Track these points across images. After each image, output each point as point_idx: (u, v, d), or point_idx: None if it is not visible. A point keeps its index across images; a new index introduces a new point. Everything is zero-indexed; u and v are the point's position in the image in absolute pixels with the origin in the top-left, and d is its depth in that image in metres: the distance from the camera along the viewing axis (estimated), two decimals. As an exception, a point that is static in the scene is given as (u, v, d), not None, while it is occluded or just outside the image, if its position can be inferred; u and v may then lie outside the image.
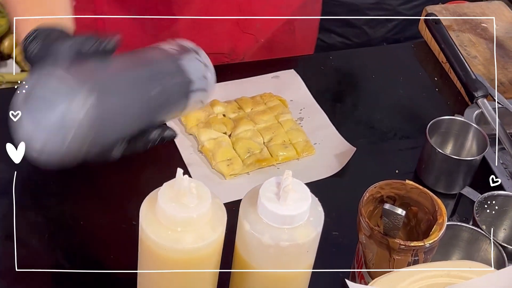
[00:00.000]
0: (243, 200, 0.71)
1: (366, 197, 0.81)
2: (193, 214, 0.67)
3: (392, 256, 0.77)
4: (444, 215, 0.78)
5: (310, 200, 0.69)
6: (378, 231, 0.77)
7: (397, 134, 1.11)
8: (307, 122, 1.09)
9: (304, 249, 0.69)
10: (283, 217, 0.67)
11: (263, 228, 0.68)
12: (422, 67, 1.23)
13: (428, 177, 1.01)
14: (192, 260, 0.69)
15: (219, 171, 0.99)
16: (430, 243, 0.76)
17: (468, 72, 1.11)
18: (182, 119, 1.06)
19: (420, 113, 1.14)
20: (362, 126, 1.11)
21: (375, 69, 1.21)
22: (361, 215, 0.79)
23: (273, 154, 1.02)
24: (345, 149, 1.05)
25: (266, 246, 0.68)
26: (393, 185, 0.82)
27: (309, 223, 0.69)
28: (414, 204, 0.82)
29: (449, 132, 1.04)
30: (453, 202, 0.97)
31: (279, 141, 1.04)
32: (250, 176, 1.00)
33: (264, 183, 0.69)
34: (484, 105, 1.07)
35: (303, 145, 1.04)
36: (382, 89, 1.18)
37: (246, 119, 1.06)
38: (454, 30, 1.25)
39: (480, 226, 0.87)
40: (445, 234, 0.79)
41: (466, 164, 0.99)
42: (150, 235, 0.68)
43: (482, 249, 0.86)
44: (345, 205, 0.94)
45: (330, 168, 1.02)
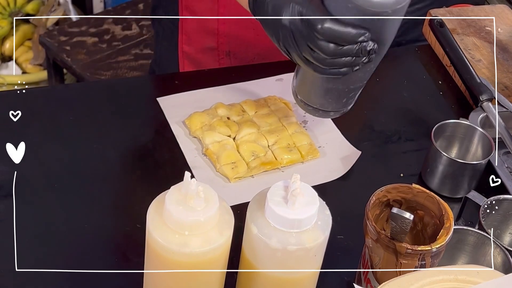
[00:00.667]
0: (250, 203, 0.70)
1: (373, 200, 0.80)
2: (201, 217, 0.66)
3: (399, 260, 0.77)
4: (451, 219, 0.78)
5: (318, 203, 0.68)
6: (385, 235, 0.77)
7: (402, 137, 1.10)
8: (312, 125, 1.08)
9: (312, 253, 0.69)
10: (291, 221, 0.67)
11: (271, 232, 0.68)
12: (426, 70, 1.23)
13: (433, 181, 1.01)
14: (199, 264, 0.68)
15: (223, 174, 0.99)
16: (437, 248, 0.76)
17: (472, 75, 1.11)
18: (186, 122, 1.05)
19: (424, 116, 1.13)
20: (366, 130, 1.11)
21: (379, 72, 1.20)
22: (368, 219, 0.78)
23: (278, 157, 1.02)
24: (349, 153, 1.04)
25: (273, 250, 0.68)
26: (399, 189, 0.82)
27: (317, 227, 0.69)
28: (421, 208, 0.82)
29: (454, 136, 1.03)
30: (458, 206, 0.97)
31: (284, 144, 1.03)
32: (254, 179, 0.99)
33: (271, 186, 0.69)
34: (489, 108, 1.07)
35: (307, 148, 1.03)
36: (386, 92, 1.18)
37: (251, 122, 1.06)
38: (458, 34, 1.25)
39: (486, 230, 0.87)
40: (452, 238, 0.79)
41: (471, 168, 0.99)
42: (157, 239, 0.67)
43: (488, 253, 0.86)
44: (350, 209, 0.94)
45: (335, 171, 1.02)
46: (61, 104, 1.07)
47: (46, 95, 1.13)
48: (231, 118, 1.06)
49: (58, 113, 1.05)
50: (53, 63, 1.95)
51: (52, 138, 1.01)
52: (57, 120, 1.04)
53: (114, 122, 1.05)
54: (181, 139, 1.04)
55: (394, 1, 0.80)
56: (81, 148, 1.00)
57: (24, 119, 0.78)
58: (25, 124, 0.83)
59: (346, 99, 0.94)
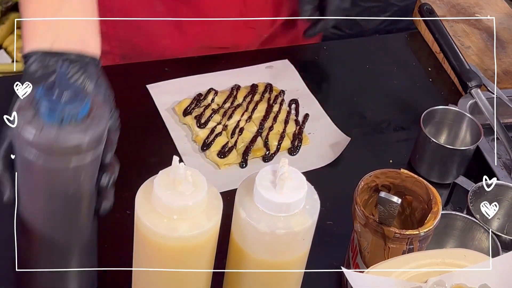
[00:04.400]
0: (239, 188, 0.71)
1: (361, 185, 0.81)
2: (189, 202, 0.66)
3: (387, 245, 0.77)
4: (439, 204, 0.79)
5: (306, 188, 0.69)
6: (373, 220, 0.77)
7: (391, 124, 1.11)
8: (301, 112, 1.09)
9: (300, 237, 0.69)
10: (279, 205, 0.67)
11: (259, 216, 0.68)
12: (416, 57, 1.23)
13: (422, 167, 1.01)
14: (188, 248, 0.68)
15: (213, 161, 0.99)
16: (425, 232, 0.77)
17: (462, 62, 1.11)
18: (176, 108, 1.05)
19: (413, 103, 1.14)
20: (355, 117, 1.11)
21: (368, 60, 1.21)
22: (356, 204, 0.79)
23: (268, 144, 1.02)
24: (339, 139, 1.05)
25: (262, 234, 0.68)
26: (388, 174, 0.82)
27: (305, 211, 0.69)
28: (409, 193, 0.82)
29: (443, 122, 1.04)
30: (447, 191, 0.98)
31: (274, 131, 1.03)
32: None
33: (260, 171, 0.69)
34: (478, 95, 1.07)
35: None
36: (376, 79, 1.18)
37: (241, 109, 1.06)
38: (448, 20, 1.25)
39: (474, 215, 0.87)
40: (440, 223, 0.80)
41: (460, 154, 0.99)
42: (146, 223, 0.67)
43: (476, 238, 0.87)
44: (339, 195, 0.94)
45: (324, 158, 1.02)
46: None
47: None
48: (222, 105, 1.06)
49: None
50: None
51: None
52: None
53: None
54: (171, 126, 1.04)
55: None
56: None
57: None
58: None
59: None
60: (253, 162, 1.01)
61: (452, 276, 0.71)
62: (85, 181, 0.70)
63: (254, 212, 0.68)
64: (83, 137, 0.66)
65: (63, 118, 0.65)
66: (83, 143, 0.66)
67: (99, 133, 0.67)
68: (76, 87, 0.69)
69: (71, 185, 0.69)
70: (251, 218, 0.68)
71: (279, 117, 1.06)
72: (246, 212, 0.69)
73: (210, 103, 1.06)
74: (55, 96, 0.65)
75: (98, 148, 0.69)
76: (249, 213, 0.68)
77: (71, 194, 0.69)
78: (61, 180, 0.68)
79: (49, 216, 0.71)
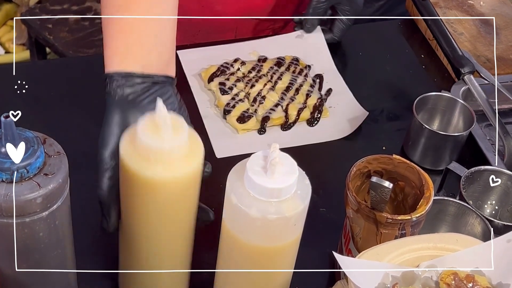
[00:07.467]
0: (230, 173, 0.70)
1: (354, 171, 0.81)
2: (167, 145, 0.67)
3: (379, 230, 0.77)
4: (431, 189, 0.79)
5: (297, 173, 0.68)
6: (365, 205, 0.77)
7: (384, 111, 1.10)
8: (325, 86, 1.10)
9: (291, 222, 0.69)
10: (270, 190, 0.67)
11: (250, 201, 0.68)
12: (408, 44, 1.23)
13: (415, 153, 1.01)
14: (164, 191, 0.69)
15: (232, 125, 1.02)
16: (417, 217, 0.76)
17: (454, 48, 1.11)
18: (202, 74, 1.08)
19: (407, 90, 1.13)
20: (349, 103, 1.11)
21: (362, 47, 1.21)
22: (348, 189, 0.79)
23: (287, 113, 1.03)
24: (358, 114, 1.06)
25: (253, 219, 0.68)
26: (380, 159, 0.82)
27: (296, 196, 0.69)
28: (401, 178, 0.82)
29: (436, 108, 1.04)
30: (440, 178, 0.97)
31: (295, 101, 1.06)
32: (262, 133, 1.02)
33: (251, 156, 0.69)
34: (470, 81, 1.07)
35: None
36: (369, 66, 1.18)
37: (265, 78, 1.08)
38: (440, 7, 1.25)
39: (466, 201, 0.87)
40: (432, 209, 0.79)
41: (452, 140, 0.99)
42: (129, 165, 0.69)
43: (469, 223, 0.87)
44: (332, 182, 0.94)
45: (342, 131, 1.04)
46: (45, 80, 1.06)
47: (28, 71, 1.12)
48: (247, 74, 1.08)
49: (41, 88, 1.04)
50: (36, 42, 1.93)
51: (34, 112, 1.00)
52: (41, 95, 1.03)
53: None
54: (196, 91, 1.07)
55: None
56: (68, 126, 1.00)
57: (5, 94, 0.78)
58: (6, 99, 0.82)
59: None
60: (271, 130, 1.03)
61: (444, 261, 0.71)
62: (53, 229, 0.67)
63: (246, 197, 0.68)
64: (34, 195, 0.63)
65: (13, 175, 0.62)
66: (35, 201, 0.63)
67: (51, 190, 0.65)
68: (27, 138, 0.66)
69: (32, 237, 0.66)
70: (242, 204, 0.68)
71: (301, 89, 1.08)
72: (237, 197, 0.68)
73: (235, 71, 1.08)
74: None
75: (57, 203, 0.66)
76: (240, 199, 0.68)
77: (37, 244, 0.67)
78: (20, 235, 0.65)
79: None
